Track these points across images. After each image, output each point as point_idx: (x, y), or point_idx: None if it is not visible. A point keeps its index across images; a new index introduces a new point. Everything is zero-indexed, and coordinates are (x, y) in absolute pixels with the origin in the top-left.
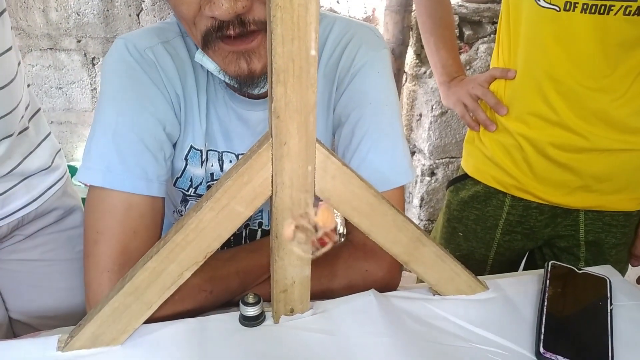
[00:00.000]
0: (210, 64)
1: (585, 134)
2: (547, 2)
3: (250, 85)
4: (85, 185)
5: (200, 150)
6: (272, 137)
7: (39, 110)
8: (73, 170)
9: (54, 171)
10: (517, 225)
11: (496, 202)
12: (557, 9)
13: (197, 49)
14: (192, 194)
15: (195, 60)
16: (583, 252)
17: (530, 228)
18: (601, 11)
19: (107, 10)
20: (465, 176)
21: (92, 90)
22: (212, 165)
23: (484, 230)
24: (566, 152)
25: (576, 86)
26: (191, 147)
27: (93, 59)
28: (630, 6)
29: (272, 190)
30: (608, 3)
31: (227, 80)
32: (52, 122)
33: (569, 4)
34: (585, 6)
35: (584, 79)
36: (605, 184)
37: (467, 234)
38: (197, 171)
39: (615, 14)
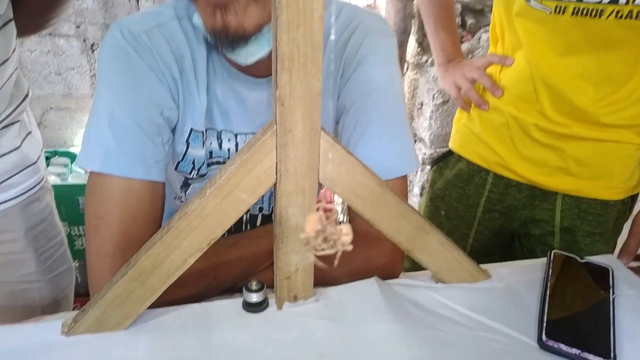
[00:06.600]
0: (199, 21)
1: (569, 125)
2: (537, 3)
3: (226, 43)
4: (86, 171)
5: (202, 132)
6: (276, 124)
7: None
8: (73, 156)
9: None
10: (497, 203)
11: (478, 181)
12: (548, 11)
13: (196, 31)
14: (194, 176)
15: (193, 22)
16: (557, 241)
17: (508, 206)
18: (592, 14)
19: None
20: (449, 153)
21: (91, 76)
22: (210, 144)
23: (466, 208)
24: (549, 134)
25: (565, 88)
26: (192, 129)
27: (92, 45)
28: (621, 10)
29: (276, 178)
30: (599, 7)
31: (208, 38)
32: (51, 108)
33: (559, 7)
34: (576, 9)
35: (573, 80)
36: (585, 169)
37: (449, 212)
38: (199, 153)
39: (607, 18)
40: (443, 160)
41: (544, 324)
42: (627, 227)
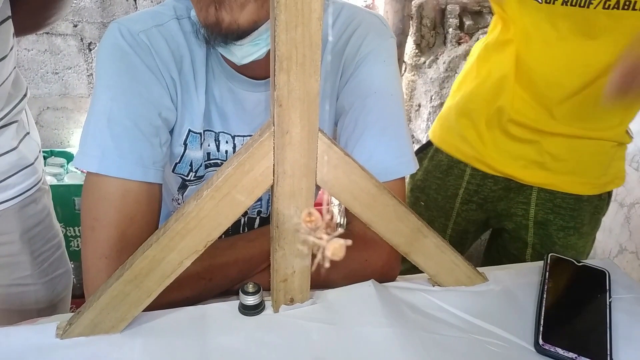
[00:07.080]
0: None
1: (547, 122)
2: None
3: (219, 37)
4: (82, 171)
5: (200, 134)
6: (274, 125)
7: None
8: (69, 157)
9: None
10: (474, 194)
11: (457, 172)
12: (539, 0)
13: (194, 27)
14: (192, 178)
15: (191, 16)
16: (531, 235)
17: (484, 198)
18: (582, 4)
19: None
20: (429, 144)
21: (88, 75)
22: (208, 145)
23: (445, 199)
24: (527, 129)
25: (549, 79)
26: (190, 131)
27: (89, 44)
28: (609, 0)
29: (273, 180)
30: None
31: (202, 31)
32: (48, 107)
33: None
34: None
35: (557, 71)
36: (560, 164)
37: (428, 203)
38: (197, 154)
39: (595, 7)
40: (422, 151)
41: (541, 328)
42: (613, 223)
